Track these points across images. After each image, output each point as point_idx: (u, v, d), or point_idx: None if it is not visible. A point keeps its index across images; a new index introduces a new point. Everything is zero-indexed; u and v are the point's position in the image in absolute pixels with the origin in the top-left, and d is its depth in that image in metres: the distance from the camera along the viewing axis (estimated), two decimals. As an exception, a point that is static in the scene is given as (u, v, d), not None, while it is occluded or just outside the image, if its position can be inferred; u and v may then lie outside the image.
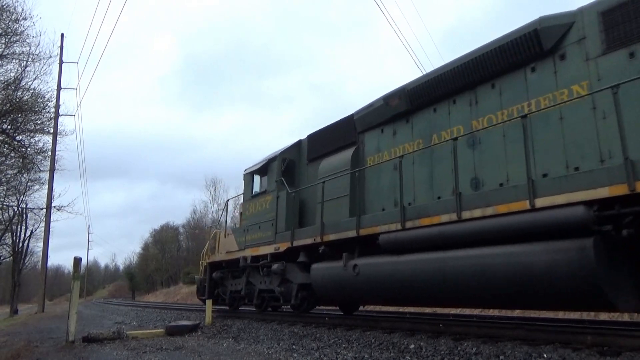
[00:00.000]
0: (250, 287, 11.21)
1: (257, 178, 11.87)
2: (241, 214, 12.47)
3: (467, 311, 11.22)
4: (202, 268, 13.55)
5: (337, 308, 11.87)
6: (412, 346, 5.84)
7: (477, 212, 5.92)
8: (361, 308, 12.06)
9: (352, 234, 7.82)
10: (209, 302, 11.38)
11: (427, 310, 12.31)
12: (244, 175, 12.32)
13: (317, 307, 12.29)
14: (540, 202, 5.24)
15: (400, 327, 7.53)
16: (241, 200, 12.74)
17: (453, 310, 11.36)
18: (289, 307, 10.49)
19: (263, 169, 11.38)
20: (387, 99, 8.45)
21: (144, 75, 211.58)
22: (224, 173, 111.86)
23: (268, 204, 10.80)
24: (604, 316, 9.31)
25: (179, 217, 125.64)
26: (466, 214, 6.05)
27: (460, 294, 6.15)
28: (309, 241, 8.91)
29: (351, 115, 9.42)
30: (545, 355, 4.67)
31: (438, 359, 5.15)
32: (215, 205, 61.93)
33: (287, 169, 10.75)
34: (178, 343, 7.34)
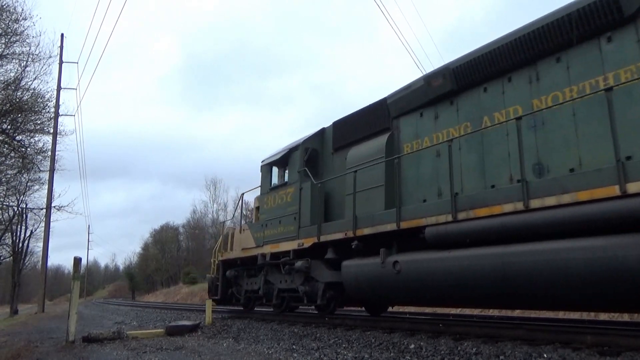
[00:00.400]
0: (269, 287, 10.53)
1: (275, 170, 11.15)
2: (257, 208, 11.83)
3: (467, 311, 11.24)
4: (214, 266, 12.75)
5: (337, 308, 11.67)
6: (412, 346, 5.84)
7: (550, 201, 5.24)
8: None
9: (391, 227, 7.16)
10: (209, 302, 11.18)
11: (427, 310, 12.31)
12: (261, 166, 11.58)
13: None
14: (633, 187, 4.62)
15: (400, 327, 7.49)
16: (257, 194, 12.09)
17: (453, 310, 11.36)
18: (310, 307, 9.92)
19: (283, 160, 10.63)
20: (429, 78, 7.71)
21: (145, 76, 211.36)
22: (224, 173, 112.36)
23: (290, 196, 10.08)
24: (603, 316, 9.33)
25: (179, 217, 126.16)
26: (535, 203, 5.36)
27: (527, 294, 5.49)
28: (338, 236, 8.24)
29: (384, 99, 8.67)
30: (545, 355, 4.68)
31: (438, 359, 5.15)
32: (215, 205, 62.06)
33: (310, 159, 10.03)
34: (178, 343, 7.31)
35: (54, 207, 23.97)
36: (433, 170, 7.51)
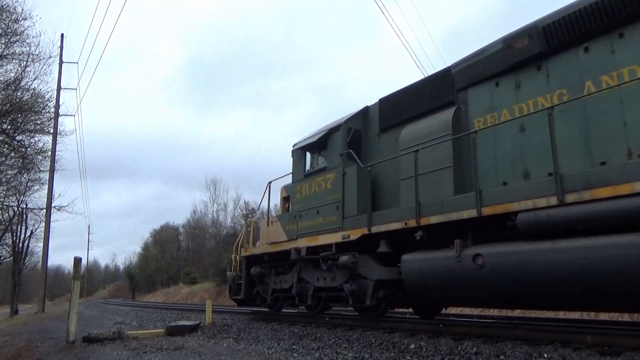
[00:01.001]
0: (303, 285, 9.39)
1: (309, 155, 9.99)
2: (286, 198, 10.90)
3: (467, 311, 11.24)
4: (236, 263, 11.69)
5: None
6: (413, 346, 5.83)
7: None
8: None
9: (468, 214, 6.11)
10: (209, 302, 11.14)
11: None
12: (293, 151, 10.36)
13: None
14: None
15: (401, 327, 7.47)
16: (285, 182, 11.11)
17: (453, 310, 11.36)
18: (343, 308, 9.19)
19: (320, 143, 9.41)
20: (510, 40, 6.64)
21: (149, 77, 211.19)
22: (227, 174, 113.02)
23: (330, 183, 8.92)
24: (604, 316, 9.33)
25: (180, 218, 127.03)
26: None
27: None
28: (396, 226, 7.19)
29: (447, 69, 7.69)
30: (545, 355, 4.68)
31: (438, 359, 5.16)
32: (215, 205, 62.09)
33: (352, 141, 8.92)
34: (178, 343, 7.31)
35: (54, 207, 24.02)
36: (515, 147, 6.47)
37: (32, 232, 33.06)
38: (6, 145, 15.81)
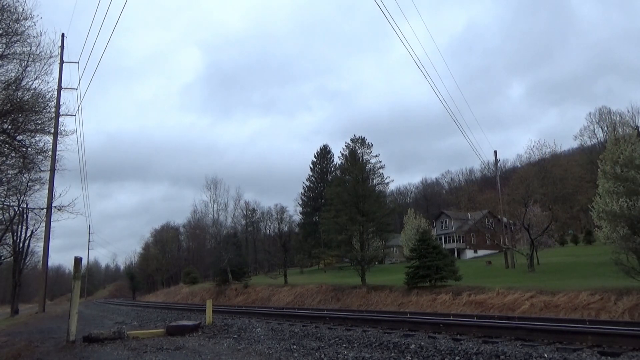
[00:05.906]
0: None
1: None
2: None
3: (467, 310, 11.23)
4: None
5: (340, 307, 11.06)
6: (413, 346, 5.83)
7: None
8: (364, 308, 10.89)
9: None
10: (209, 302, 11.21)
11: (428, 309, 12.32)
12: None
13: (312, 306, 11.85)
14: None
15: (401, 327, 7.52)
16: None
17: (453, 310, 11.36)
18: None
19: None
20: None
21: (172, 85, 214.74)
22: (237, 175, 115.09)
23: None
24: (604, 316, 9.32)
25: (183, 218, 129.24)
26: None
27: None
28: None
29: None
30: (545, 355, 4.67)
31: (439, 359, 5.15)
32: (215, 205, 62.21)
33: None
34: (179, 343, 7.33)
35: (55, 207, 23.96)
36: None
37: (32, 232, 33.07)
38: (7, 145, 15.81)
